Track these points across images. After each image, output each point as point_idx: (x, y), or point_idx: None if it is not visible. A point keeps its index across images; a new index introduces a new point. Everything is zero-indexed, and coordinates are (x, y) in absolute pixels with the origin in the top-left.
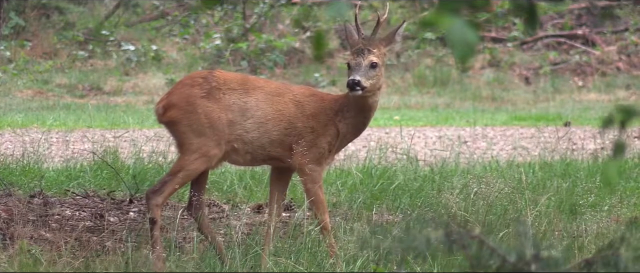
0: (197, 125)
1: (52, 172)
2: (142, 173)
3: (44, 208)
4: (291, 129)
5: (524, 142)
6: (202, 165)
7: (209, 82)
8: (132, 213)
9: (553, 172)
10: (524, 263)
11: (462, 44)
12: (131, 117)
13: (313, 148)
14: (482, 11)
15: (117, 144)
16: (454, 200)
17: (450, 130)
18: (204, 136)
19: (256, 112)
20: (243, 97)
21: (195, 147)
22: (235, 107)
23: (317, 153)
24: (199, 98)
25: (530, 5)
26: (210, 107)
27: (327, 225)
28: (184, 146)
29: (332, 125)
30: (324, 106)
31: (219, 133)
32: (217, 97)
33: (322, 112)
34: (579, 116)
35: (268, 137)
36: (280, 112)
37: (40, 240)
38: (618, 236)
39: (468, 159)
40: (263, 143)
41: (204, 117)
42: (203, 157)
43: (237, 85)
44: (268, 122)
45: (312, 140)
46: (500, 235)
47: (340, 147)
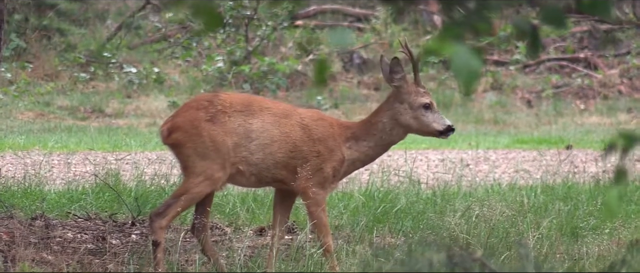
0: (201, 148)
1: (53, 194)
2: (144, 196)
3: (45, 231)
4: (296, 152)
5: (526, 165)
6: (207, 188)
7: (214, 105)
8: (134, 235)
9: (555, 195)
10: None
11: (466, 70)
12: (133, 139)
13: (318, 173)
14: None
15: (119, 167)
16: (456, 223)
17: (453, 153)
18: (209, 159)
19: (261, 134)
20: (249, 119)
21: (200, 170)
22: (240, 130)
23: (322, 178)
24: (203, 121)
25: (533, 29)
26: (215, 130)
27: (330, 247)
28: (188, 169)
29: (339, 151)
30: (332, 132)
31: (224, 156)
32: (223, 121)
33: (329, 137)
34: (581, 139)
35: (273, 159)
36: (286, 135)
37: (42, 263)
38: (619, 259)
39: (470, 182)
40: (268, 165)
41: (208, 140)
42: (207, 180)
43: (243, 107)
44: (273, 144)
45: (317, 165)
46: (502, 258)
47: (347, 173)
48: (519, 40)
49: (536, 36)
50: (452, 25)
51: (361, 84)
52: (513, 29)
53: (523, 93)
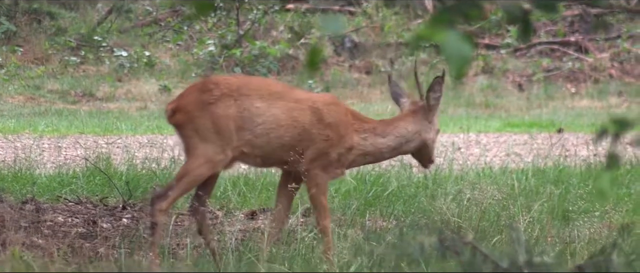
0: (203, 130)
1: (44, 178)
2: (135, 180)
3: (36, 215)
4: (305, 135)
5: (517, 148)
6: (207, 170)
7: (220, 89)
8: (125, 219)
9: (546, 179)
10: (517, 269)
11: (458, 56)
12: (124, 123)
13: (323, 156)
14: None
15: (109, 150)
16: (448, 207)
17: (444, 137)
18: (210, 142)
19: (268, 118)
20: (255, 103)
21: (201, 153)
22: (245, 114)
23: (326, 162)
24: (207, 104)
25: (524, 14)
26: (218, 113)
27: (328, 230)
28: (189, 151)
29: (349, 139)
30: (345, 119)
31: (225, 139)
32: (227, 104)
33: (341, 123)
34: (572, 123)
35: (279, 142)
36: (295, 119)
37: (33, 247)
38: (610, 242)
39: (461, 165)
40: (274, 148)
41: (210, 123)
42: (208, 163)
43: (251, 91)
44: (280, 128)
45: (324, 148)
46: (493, 241)
47: (356, 164)
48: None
49: (527, 21)
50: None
51: (352, 68)
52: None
53: (514, 76)
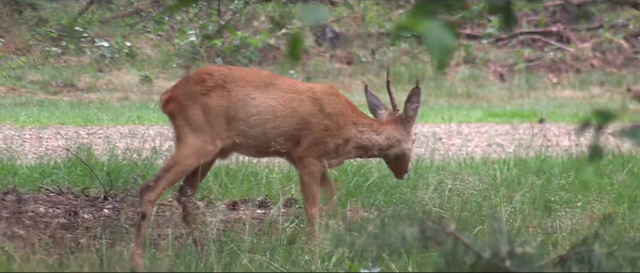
0: (193, 121)
1: (25, 168)
2: (117, 170)
3: (17, 205)
4: (303, 124)
5: (499, 138)
6: (196, 160)
7: (214, 79)
8: (106, 210)
9: (528, 169)
10: (499, 259)
11: (440, 46)
12: (105, 113)
13: (320, 145)
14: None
15: (91, 141)
16: (429, 197)
17: (425, 127)
18: (199, 132)
19: (263, 109)
20: (251, 94)
21: (190, 143)
22: (239, 105)
23: (322, 151)
24: (199, 95)
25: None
26: (210, 104)
27: (314, 220)
28: (180, 140)
29: (347, 130)
30: (344, 110)
31: (215, 130)
32: (219, 95)
33: (340, 113)
34: (554, 113)
35: (276, 133)
36: (293, 109)
37: (14, 237)
38: (592, 232)
39: (443, 156)
40: (269, 139)
41: (201, 113)
42: (197, 153)
43: (246, 82)
44: (276, 118)
45: (321, 138)
46: (475, 232)
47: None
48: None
49: (509, 10)
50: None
51: (334, 58)
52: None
53: (495, 67)
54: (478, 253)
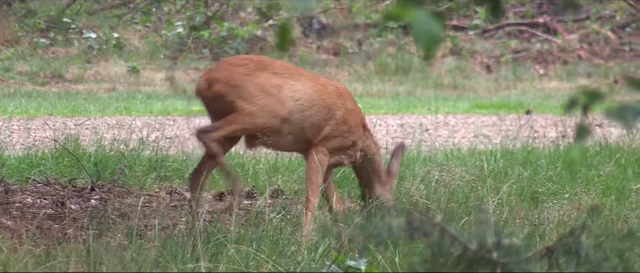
0: (246, 94)
1: (13, 159)
2: (104, 161)
3: (5, 196)
4: (330, 116)
5: (486, 129)
6: (269, 120)
7: (253, 63)
8: (94, 200)
9: (514, 160)
10: (486, 250)
11: (427, 35)
12: (93, 104)
13: (335, 139)
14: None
15: (78, 132)
16: (416, 188)
17: (412, 118)
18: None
19: (303, 96)
20: (289, 81)
21: (248, 110)
22: (282, 89)
23: (336, 145)
24: (243, 75)
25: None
26: (258, 80)
27: (313, 208)
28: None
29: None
30: (358, 111)
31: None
32: (263, 76)
33: (355, 113)
34: (540, 104)
35: (310, 122)
36: (324, 100)
37: (1, 228)
38: (579, 224)
39: (430, 147)
40: (304, 126)
41: (252, 87)
42: (268, 112)
43: (283, 70)
44: (312, 107)
45: (340, 132)
46: (461, 223)
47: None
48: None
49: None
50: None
51: (320, 49)
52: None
53: (482, 58)
54: (465, 245)
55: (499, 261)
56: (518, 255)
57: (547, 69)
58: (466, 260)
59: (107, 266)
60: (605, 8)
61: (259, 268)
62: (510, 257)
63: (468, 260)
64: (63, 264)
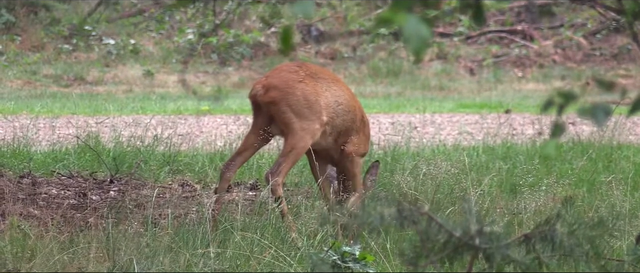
0: (296, 106)
1: (39, 154)
2: (122, 156)
3: (32, 188)
4: (358, 121)
5: (469, 127)
6: (309, 140)
7: (304, 70)
8: (113, 192)
9: (495, 155)
10: (469, 237)
11: (417, 38)
12: (112, 104)
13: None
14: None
15: (98, 129)
16: (405, 181)
17: (402, 117)
18: (304, 116)
19: (344, 101)
20: (332, 86)
21: (299, 127)
22: (328, 94)
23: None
24: (297, 82)
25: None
26: (308, 90)
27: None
28: (288, 126)
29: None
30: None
31: (317, 112)
32: (314, 83)
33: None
34: (519, 104)
35: (346, 126)
36: (356, 105)
37: (29, 217)
38: (554, 213)
39: (418, 143)
40: (343, 130)
41: (302, 98)
42: (308, 134)
43: (326, 75)
44: (350, 112)
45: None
46: (447, 212)
47: None
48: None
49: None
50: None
51: (318, 54)
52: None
53: (466, 62)
54: (450, 232)
55: (481, 247)
56: (498, 242)
57: (525, 72)
58: (451, 246)
59: (125, 251)
60: (578, 16)
61: (262, 253)
62: (492, 243)
63: (453, 246)
64: (85, 249)
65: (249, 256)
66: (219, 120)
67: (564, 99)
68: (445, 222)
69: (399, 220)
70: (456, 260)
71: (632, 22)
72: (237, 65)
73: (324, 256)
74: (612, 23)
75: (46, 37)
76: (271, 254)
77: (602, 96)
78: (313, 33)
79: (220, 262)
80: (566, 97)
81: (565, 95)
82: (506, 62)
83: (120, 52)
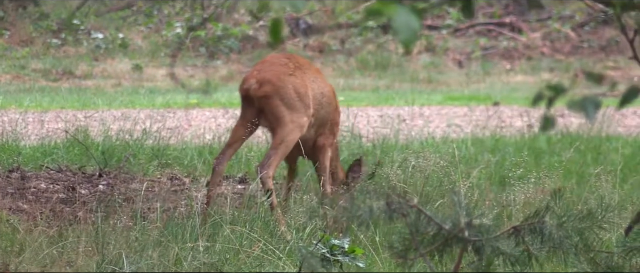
0: (288, 99)
1: (28, 149)
2: (111, 150)
3: (21, 182)
4: (335, 112)
5: (458, 120)
6: (298, 134)
7: (293, 62)
8: (101, 186)
9: (484, 147)
10: (458, 230)
11: (407, 29)
12: (100, 98)
13: (335, 127)
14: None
15: (87, 123)
16: (394, 173)
17: (391, 110)
18: (295, 109)
19: (327, 93)
20: (317, 78)
21: (289, 120)
22: (314, 85)
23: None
24: (288, 75)
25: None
26: (298, 83)
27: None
28: (279, 120)
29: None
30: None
31: (307, 105)
32: (302, 76)
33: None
34: (507, 96)
35: (328, 118)
36: (334, 96)
37: (18, 211)
38: (543, 205)
39: (406, 136)
40: (324, 122)
41: (293, 92)
42: (297, 128)
43: (309, 67)
44: (331, 104)
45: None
46: (436, 205)
47: None
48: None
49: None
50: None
51: (307, 47)
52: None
53: (454, 54)
54: (439, 225)
55: (471, 239)
56: (488, 234)
57: (513, 65)
58: (441, 238)
59: (114, 245)
60: (566, 8)
61: (251, 246)
62: (481, 236)
63: (442, 238)
64: (74, 243)
65: (238, 250)
66: (208, 113)
67: (554, 92)
68: (434, 215)
69: (388, 213)
70: (445, 252)
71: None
72: (226, 58)
73: (313, 249)
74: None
75: (35, 31)
76: (260, 248)
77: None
78: (301, 26)
79: (209, 255)
80: (556, 90)
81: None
82: (494, 54)
83: (109, 46)
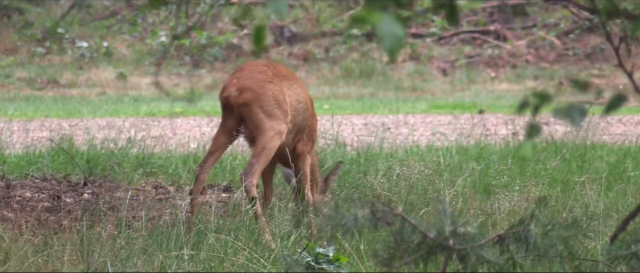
0: (267, 106)
1: (13, 157)
2: (95, 159)
3: (6, 191)
4: (312, 118)
5: (442, 128)
6: (278, 141)
7: (271, 69)
8: (86, 194)
9: (468, 156)
10: (443, 238)
11: (391, 37)
12: (85, 107)
13: (313, 134)
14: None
15: (72, 132)
16: (379, 182)
17: (375, 118)
18: (274, 116)
19: (304, 99)
20: (293, 85)
21: (269, 127)
22: (290, 92)
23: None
24: (267, 82)
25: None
26: (277, 90)
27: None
28: (259, 127)
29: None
30: None
31: (285, 112)
32: (279, 83)
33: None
34: (492, 104)
35: (304, 124)
36: (310, 103)
37: (3, 220)
38: (528, 213)
39: (391, 144)
40: (301, 128)
41: (272, 99)
42: (277, 135)
43: (287, 73)
44: (307, 110)
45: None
46: (421, 213)
47: None
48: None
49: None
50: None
51: (291, 56)
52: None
53: (439, 62)
54: (424, 233)
55: (455, 247)
56: (472, 242)
57: (497, 72)
58: (425, 247)
59: (99, 254)
60: (551, 16)
61: (236, 255)
62: (466, 244)
63: (427, 247)
64: (59, 252)
65: (223, 258)
66: (193, 122)
67: (539, 99)
68: (419, 223)
69: (373, 221)
70: (430, 261)
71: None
72: (210, 67)
73: (298, 257)
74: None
75: (19, 40)
76: (245, 256)
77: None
78: (286, 34)
79: (194, 263)
80: (541, 98)
81: (540, 96)
82: (479, 62)
83: (93, 54)
